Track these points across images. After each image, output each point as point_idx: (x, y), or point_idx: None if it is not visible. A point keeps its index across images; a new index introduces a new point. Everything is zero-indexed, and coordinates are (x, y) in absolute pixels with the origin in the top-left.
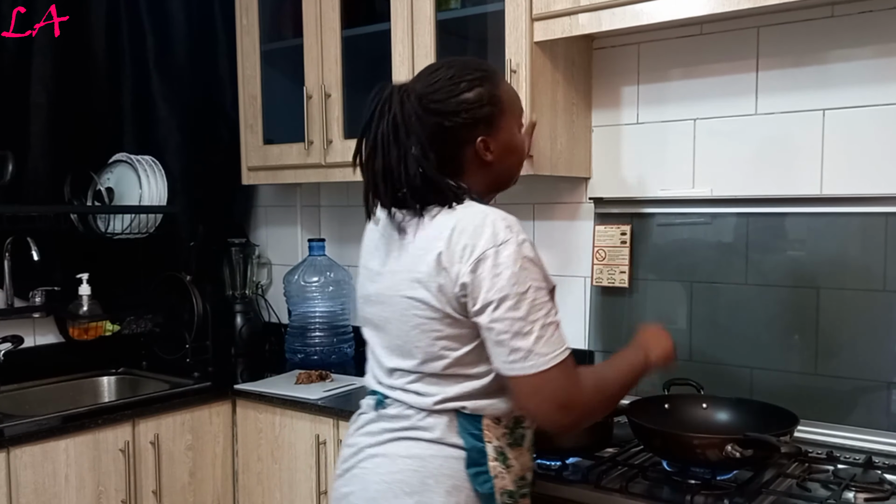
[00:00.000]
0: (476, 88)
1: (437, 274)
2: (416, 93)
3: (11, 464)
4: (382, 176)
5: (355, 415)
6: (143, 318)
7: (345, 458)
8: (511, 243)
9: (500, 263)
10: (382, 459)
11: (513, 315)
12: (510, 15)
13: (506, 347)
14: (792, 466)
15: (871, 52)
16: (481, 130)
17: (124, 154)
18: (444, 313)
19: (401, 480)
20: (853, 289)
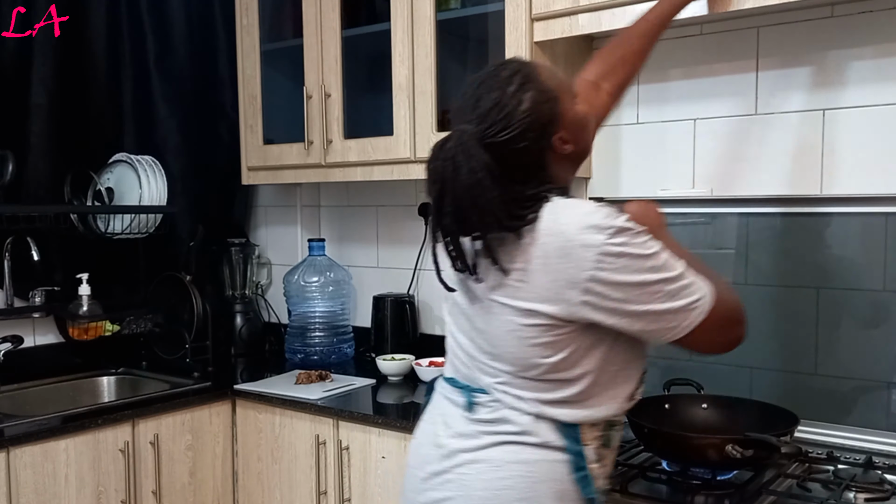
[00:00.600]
0: (524, 94)
1: (553, 284)
2: (474, 138)
3: (11, 464)
4: (471, 226)
5: (432, 409)
6: (143, 318)
7: (431, 459)
8: (614, 229)
9: (619, 253)
10: (485, 465)
11: (658, 289)
12: (510, 15)
13: (669, 315)
14: (792, 466)
15: (871, 52)
16: (552, 129)
17: (124, 154)
18: (555, 322)
19: (509, 487)
20: (853, 289)
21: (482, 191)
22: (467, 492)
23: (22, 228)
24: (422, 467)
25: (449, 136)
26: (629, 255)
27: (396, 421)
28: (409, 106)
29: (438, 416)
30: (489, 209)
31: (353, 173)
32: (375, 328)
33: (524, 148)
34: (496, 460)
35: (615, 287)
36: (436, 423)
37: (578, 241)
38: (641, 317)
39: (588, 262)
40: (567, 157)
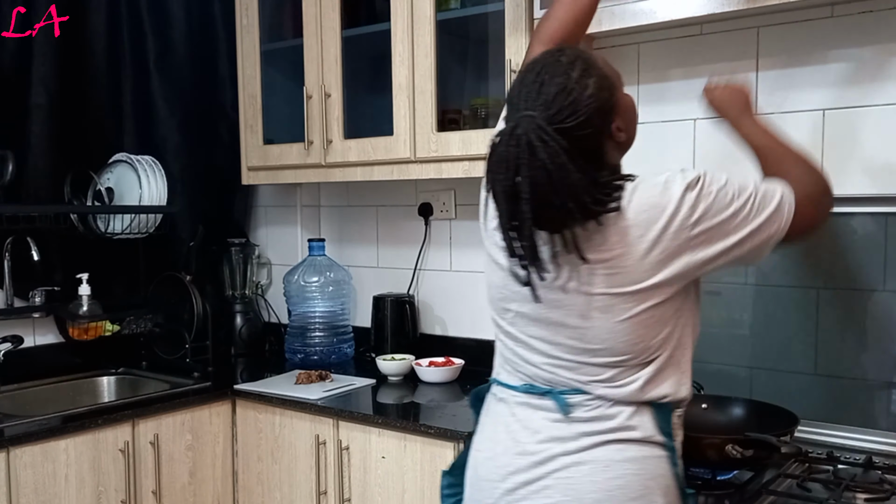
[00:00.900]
0: (587, 80)
1: (662, 254)
2: (541, 126)
3: (11, 464)
4: (551, 214)
5: (497, 418)
6: (143, 318)
7: (518, 469)
8: (690, 184)
9: (702, 200)
10: (592, 466)
11: (747, 211)
12: (510, 15)
13: (766, 224)
14: (792, 466)
15: (871, 52)
16: (611, 116)
17: (124, 154)
18: (666, 295)
19: (621, 486)
20: (853, 289)
21: (566, 173)
22: (577, 495)
23: (22, 228)
24: (505, 479)
25: (517, 123)
26: (711, 197)
27: (396, 421)
28: (409, 106)
29: (515, 424)
30: (574, 193)
31: (353, 173)
32: (375, 328)
33: (590, 134)
34: (603, 460)
35: (714, 229)
36: (514, 432)
37: (670, 206)
38: (746, 238)
39: (683, 220)
40: (619, 145)
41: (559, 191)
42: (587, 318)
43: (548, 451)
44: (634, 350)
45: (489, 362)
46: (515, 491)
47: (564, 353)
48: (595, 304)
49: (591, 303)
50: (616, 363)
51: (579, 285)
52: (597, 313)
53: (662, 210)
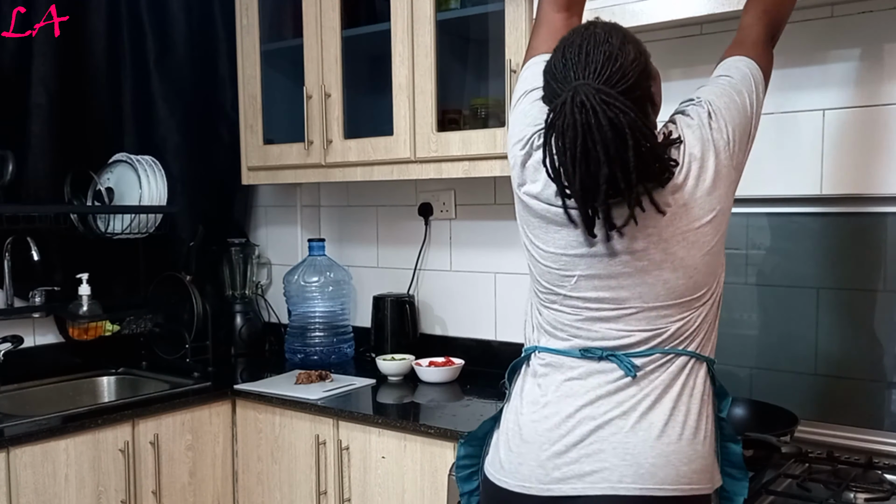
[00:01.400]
0: (627, 46)
1: (716, 178)
2: (602, 89)
3: (11, 464)
4: (615, 181)
5: (560, 380)
6: (143, 318)
7: (572, 430)
8: (700, 104)
9: (718, 108)
10: (649, 432)
11: (738, 86)
12: (510, 15)
13: (754, 98)
14: (792, 466)
15: (871, 52)
16: (650, 80)
17: (124, 154)
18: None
19: (676, 451)
20: (853, 289)
21: (638, 128)
22: (634, 459)
23: (22, 228)
24: (555, 442)
25: (574, 91)
26: (724, 113)
27: (396, 421)
28: (409, 106)
29: (568, 386)
30: (650, 148)
31: (353, 173)
32: (375, 328)
33: (639, 97)
34: (659, 425)
35: (739, 137)
36: (565, 395)
37: (712, 138)
38: (757, 117)
39: (725, 144)
40: (655, 108)
41: (637, 144)
42: (665, 263)
43: (602, 415)
44: (709, 281)
45: (489, 362)
46: (565, 454)
47: (634, 309)
48: (673, 248)
49: (669, 247)
50: (686, 303)
51: (658, 234)
52: (679, 251)
53: (710, 143)
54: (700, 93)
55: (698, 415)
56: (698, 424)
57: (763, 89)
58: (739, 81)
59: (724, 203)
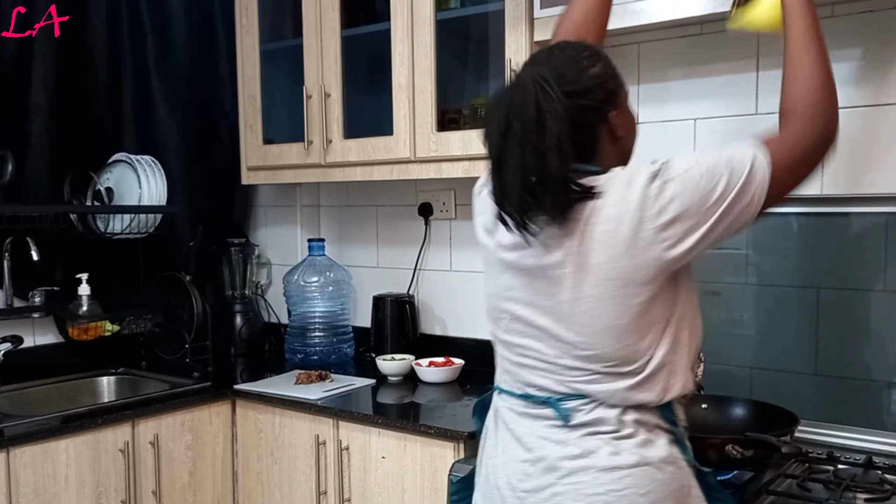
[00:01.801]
0: (597, 63)
1: (630, 246)
2: (551, 80)
3: (11, 464)
4: (521, 174)
5: (503, 427)
6: (142, 318)
7: (529, 476)
8: (657, 163)
9: (671, 175)
10: (599, 469)
11: (714, 186)
12: (510, 15)
13: (739, 198)
14: (792, 466)
15: (871, 52)
16: (612, 105)
17: (124, 154)
18: (640, 286)
19: (630, 485)
20: (853, 289)
21: (556, 135)
22: (588, 500)
23: (22, 228)
24: (515, 487)
25: (522, 72)
26: (676, 184)
27: (396, 421)
28: (409, 106)
29: (520, 431)
30: (555, 163)
31: (353, 173)
32: (375, 328)
33: (589, 107)
34: (607, 461)
35: (683, 217)
36: (520, 438)
37: (634, 200)
38: (719, 220)
39: (650, 213)
40: (615, 143)
41: (544, 146)
42: (573, 319)
43: (553, 457)
44: (622, 354)
45: (489, 362)
46: (526, 499)
47: (556, 357)
48: (581, 307)
49: (577, 305)
50: (607, 366)
51: (567, 281)
52: (583, 315)
53: (629, 204)
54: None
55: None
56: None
57: (761, 194)
58: (725, 163)
59: (641, 274)
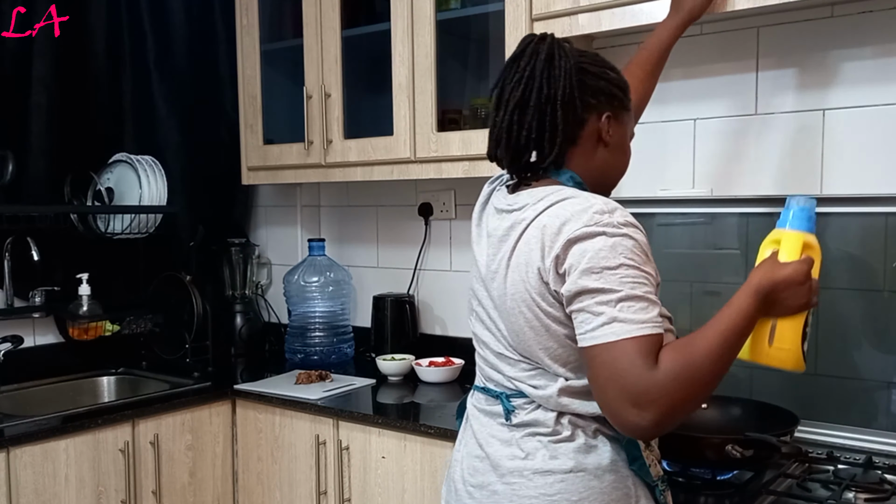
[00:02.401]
0: (618, 74)
1: (542, 264)
2: (567, 48)
3: (11, 464)
4: (520, 116)
5: (469, 422)
6: (143, 318)
7: (475, 472)
8: (606, 225)
9: (592, 242)
10: (534, 472)
11: (598, 284)
12: (510, 15)
13: (588, 314)
14: (792, 466)
15: (871, 52)
16: (611, 108)
17: (124, 154)
18: (549, 310)
19: (562, 490)
20: (853, 289)
21: (555, 98)
22: (518, 501)
23: (22, 228)
24: (465, 481)
25: (545, 34)
26: (588, 259)
27: (396, 421)
28: (409, 106)
29: (476, 426)
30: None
31: (353, 173)
32: (375, 328)
33: (592, 87)
34: (543, 464)
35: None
36: (475, 433)
37: (549, 240)
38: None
39: (552, 262)
40: (599, 146)
41: (548, 89)
42: (504, 314)
43: (498, 456)
44: (544, 356)
45: None
46: (472, 494)
47: (503, 350)
48: (507, 302)
49: (505, 300)
50: (535, 366)
51: (501, 273)
52: (509, 311)
53: (548, 237)
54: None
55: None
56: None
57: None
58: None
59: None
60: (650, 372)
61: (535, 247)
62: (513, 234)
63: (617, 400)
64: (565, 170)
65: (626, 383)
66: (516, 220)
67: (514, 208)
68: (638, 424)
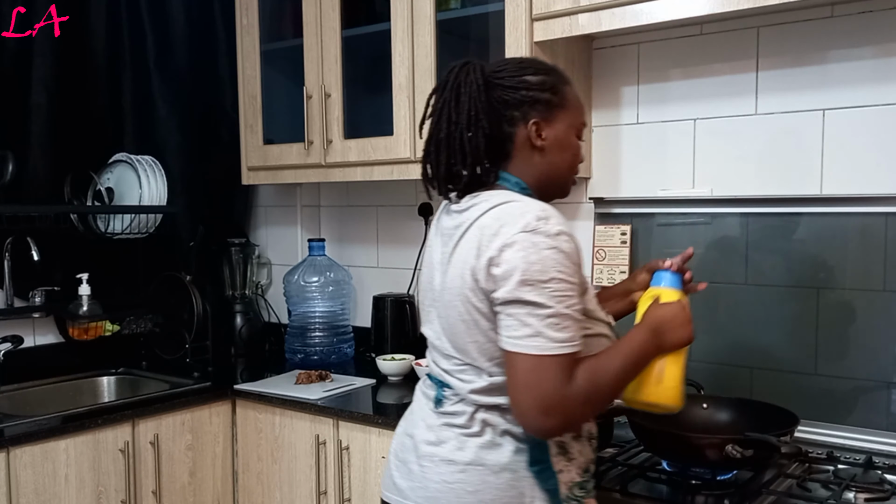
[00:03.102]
0: (541, 75)
1: (476, 262)
2: (483, 68)
3: (11, 464)
4: (437, 147)
5: (413, 402)
6: (143, 318)
7: (403, 448)
8: (541, 233)
9: (527, 249)
10: (441, 460)
11: (530, 297)
12: (510, 15)
13: (516, 321)
14: (792, 466)
15: (871, 52)
16: (537, 113)
17: (124, 154)
18: (480, 307)
19: (461, 480)
20: (853, 289)
21: (464, 130)
22: (425, 483)
23: (22, 228)
24: (395, 453)
25: (459, 67)
26: (525, 267)
27: (396, 421)
28: (409, 106)
29: (414, 405)
30: (464, 151)
31: (353, 173)
32: (375, 328)
33: (507, 101)
34: (449, 455)
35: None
36: (412, 412)
37: (485, 243)
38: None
39: (486, 265)
40: (535, 153)
41: (456, 144)
42: (442, 307)
43: (419, 438)
44: (471, 351)
45: None
46: (398, 468)
47: (440, 343)
48: (445, 296)
49: (443, 293)
50: (462, 361)
51: (440, 267)
52: (446, 304)
53: (486, 237)
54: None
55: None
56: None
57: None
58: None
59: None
60: (565, 387)
61: (473, 245)
62: (457, 232)
63: (529, 404)
64: (511, 175)
65: (541, 393)
66: (462, 220)
67: (463, 209)
68: (542, 427)
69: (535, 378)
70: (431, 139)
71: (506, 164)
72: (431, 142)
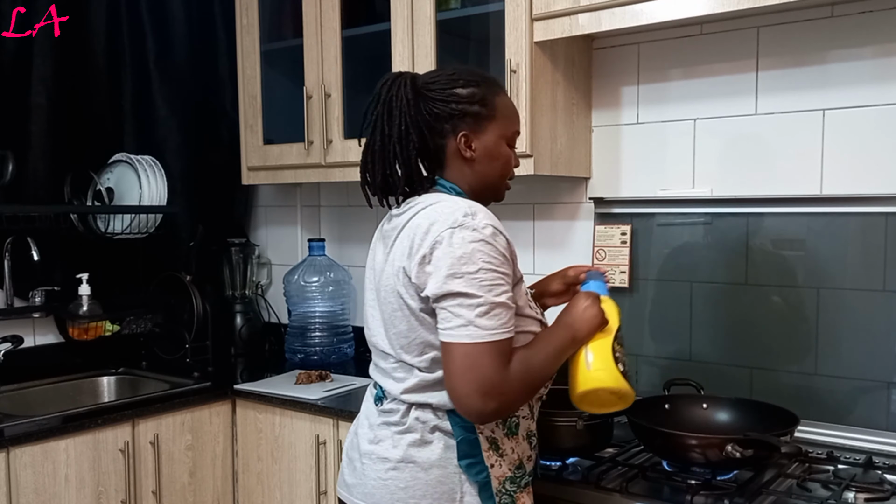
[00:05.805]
0: (471, 87)
1: (409, 261)
2: (413, 80)
3: (11, 464)
4: (372, 158)
5: (364, 397)
6: (143, 318)
7: (351, 446)
8: (467, 228)
9: (454, 244)
10: (377, 458)
11: (460, 288)
12: (510, 15)
13: (449, 313)
14: (792, 466)
15: (871, 52)
16: (466, 126)
17: (124, 154)
18: (411, 304)
19: (395, 477)
20: (853, 289)
21: (396, 141)
22: (362, 480)
23: (22, 228)
24: (346, 451)
25: (390, 79)
26: (451, 256)
27: None
28: None
29: (364, 408)
30: (397, 163)
31: (353, 173)
32: None
33: (436, 115)
34: (384, 454)
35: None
36: (360, 412)
37: (418, 240)
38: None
39: (419, 261)
40: (466, 164)
41: (390, 156)
42: (382, 306)
43: (361, 436)
44: (405, 351)
45: None
46: (348, 465)
47: (378, 342)
48: (381, 293)
49: (380, 291)
50: (393, 362)
51: (378, 267)
52: (384, 302)
53: (418, 236)
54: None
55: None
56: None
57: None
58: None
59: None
60: (503, 371)
61: (406, 244)
62: (394, 233)
63: (467, 389)
64: (447, 182)
65: (478, 376)
66: (398, 223)
67: (401, 213)
68: (481, 410)
69: (471, 363)
70: (367, 150)
71: (441, 171)
72: (368, 152)
